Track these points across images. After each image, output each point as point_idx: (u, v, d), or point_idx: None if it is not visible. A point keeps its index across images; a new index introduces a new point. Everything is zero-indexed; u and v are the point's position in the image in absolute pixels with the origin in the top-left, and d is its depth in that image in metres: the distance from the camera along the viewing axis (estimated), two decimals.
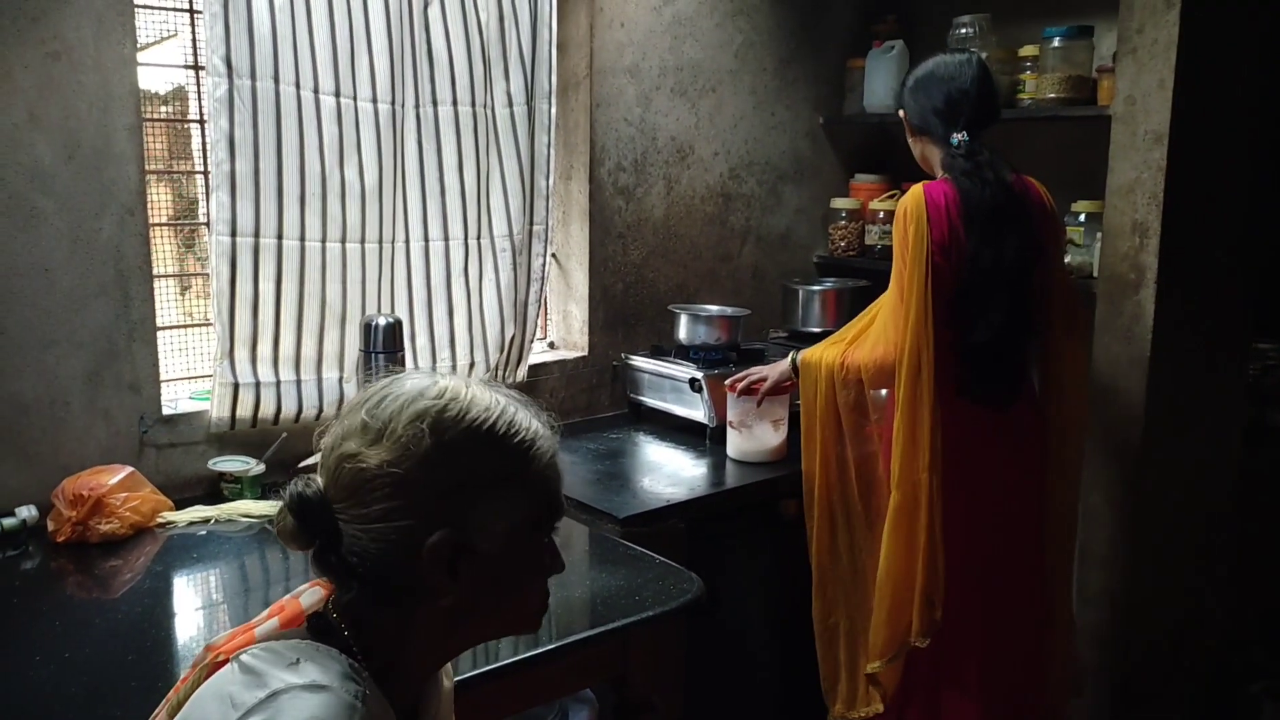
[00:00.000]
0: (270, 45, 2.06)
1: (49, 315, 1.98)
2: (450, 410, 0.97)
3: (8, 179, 1.90)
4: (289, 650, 0.95)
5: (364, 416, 0.97)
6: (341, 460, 0.96)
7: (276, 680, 0.92)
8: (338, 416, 1.01)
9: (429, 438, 0.95)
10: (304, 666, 0.93)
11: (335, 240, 2.21)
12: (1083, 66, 2.66)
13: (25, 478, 1.97)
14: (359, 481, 0.95)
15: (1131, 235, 2.34)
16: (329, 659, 0.95)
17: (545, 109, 2.50)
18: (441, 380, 1.00)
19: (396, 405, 0.97)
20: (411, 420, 0.96)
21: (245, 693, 0.92)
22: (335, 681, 0.92)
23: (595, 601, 1.74)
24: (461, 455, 0.96)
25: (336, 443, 0.98)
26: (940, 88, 2.16)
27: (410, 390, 0.98)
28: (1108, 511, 2.44)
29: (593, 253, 2.78)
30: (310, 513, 0.96)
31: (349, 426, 0.98)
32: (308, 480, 0.98)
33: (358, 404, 1.00)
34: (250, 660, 0.95)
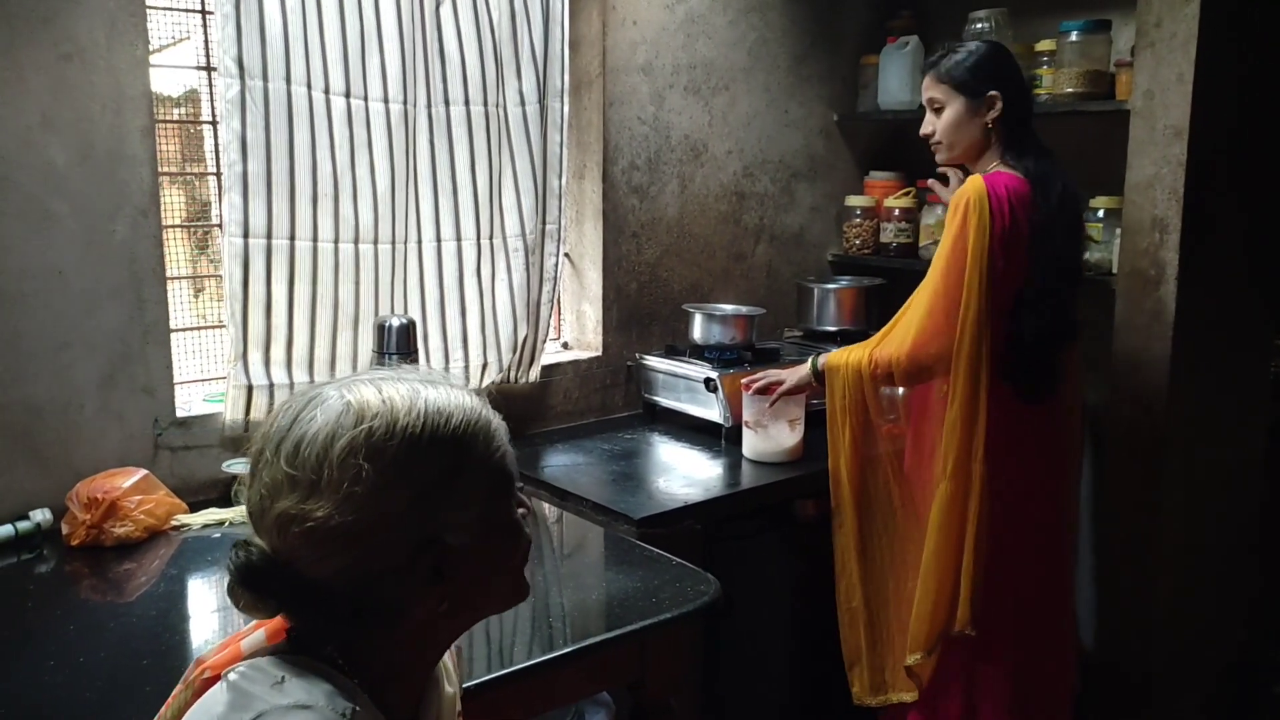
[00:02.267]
0: (282, 46, 2.05)
1: (63, 318, 1.97)
2: (377, 430, 0.90)
3: (21, 181, 1.90)
4: (275, 668, 0.92)
5: (286, 469, 0.90)
6: (283, 523, 0.89)
7: (260, 702, 0.88)
8: (252, 465, 0.94)
9: (370, 469, 0.89)
10: (289, 685, 0.90)
11: (348, 241, 2.20)
12: (1100, 61, 2.63)
13: (39, 481, 1.97)
14: (314, 539, 0.89)
15: (1151, 231, 2.32)
16: (315, 676, 0.91)
17: (558, 108, 2.49)
18: (345, 396, 0.92)
19: (318, 448, 0.89)
20: (344, 459, 0.89)
21: (231, 715, 0.88)
22: (321, 700, 0.89)
23: (612, 604, 1.72)
24: (408, 469, 0.91)
25: (265, 503, 0.91)
26: (1018, 70, 2.16)
27: (324, 425, 0.90)
28: (1130, 510, 2.41)
29: (606, 252, 2.76)
30: (266, 580, 0.90)
31: (272, 482, 0.91)
32: (248, 549, 0.91)
33: (268, 455, 0.92)
34: (237, 680, 0.91)
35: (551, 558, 2.03)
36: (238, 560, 0.90)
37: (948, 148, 2.20)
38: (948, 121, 2.18)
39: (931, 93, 2.19)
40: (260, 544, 0.91)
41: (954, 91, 2.15)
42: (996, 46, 2.22)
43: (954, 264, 2.06)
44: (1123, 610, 2.45)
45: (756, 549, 2.36)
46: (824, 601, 2.29)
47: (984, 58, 2.15)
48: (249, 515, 0.94)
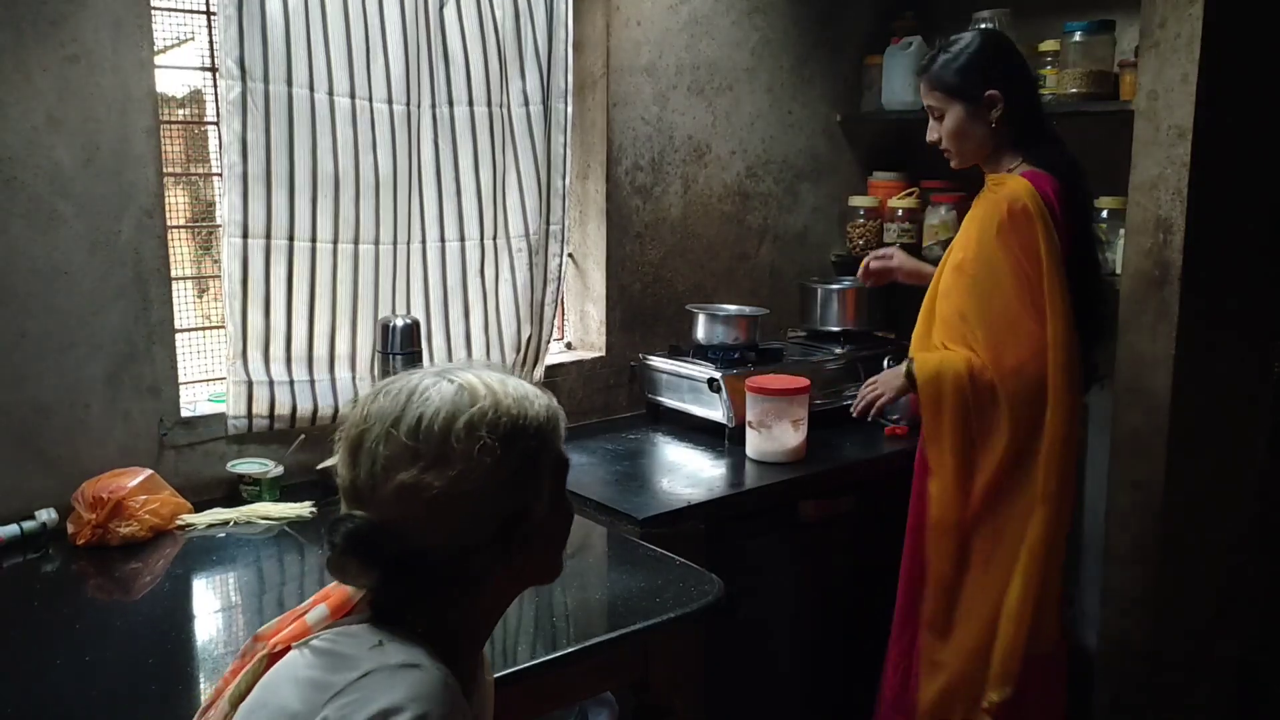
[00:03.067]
0: (284, 48, 2.06)
1: (68, 318, 1.98)
2: (491, 411, 1.00)
3: (27, 181, 1.91)
4: (368, 634, 0.99)
5: (409, 443, 0.97)
6: (404, 493, 0.96)
7: (366, 661, 0.95)
8: (353, 444, 1.00)
9: (494, 444, 0.98)
10: (389, 648, 0.97)
11: (348, 241, 2.21)
12: (1104, 61, 2.63)
13: (45, 480, 1.97)
14: (433, 507, 0.97)
15: (1155, 232, 2.31)
16: (412, 640, 0.98)
17: (561, 108, 2.49)
18: (454, 380, 1.01)
19: (441, 422, 0.98)
20: (469, 433, 0.98)
21: (332, 675, 0.94)
22: (424, 660, 0.96)
23: (615, 604, 1.73)
24: (512, 445, 1.00)
25: (380, 476, 0.97)
26: (1016, 58, 2.08)
27: (444, 402, 0.99)
28: (1133, 512, 2.41)
29: (610, 252, 2.77)
30: (375, 549, 0.97)
31: (392, 455, 0.97)
32: (354, 519, 0.97)
33: (378, 431, 0.98)
34: (327, 645, 0.98)
35: None
36: (347, 530, 0.96)
37: (957, 154, 2.14)
38: (950, 129, 2.10)
39: (928, 100, 2.12)
40: (365, 515, 0.97)
41: (949, 97, 2.08)
42: (988, 37, 2.12)
43: (1028, 273, 1.99)
44: (1127, 610, 2.44)
45: (760, 549, 2.37)
46: (826, 600, 2.30)
47: (975, 55, 2.06)
48: (353, 490, 1.00)
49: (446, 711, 0.94)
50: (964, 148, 2.12)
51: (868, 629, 2.43)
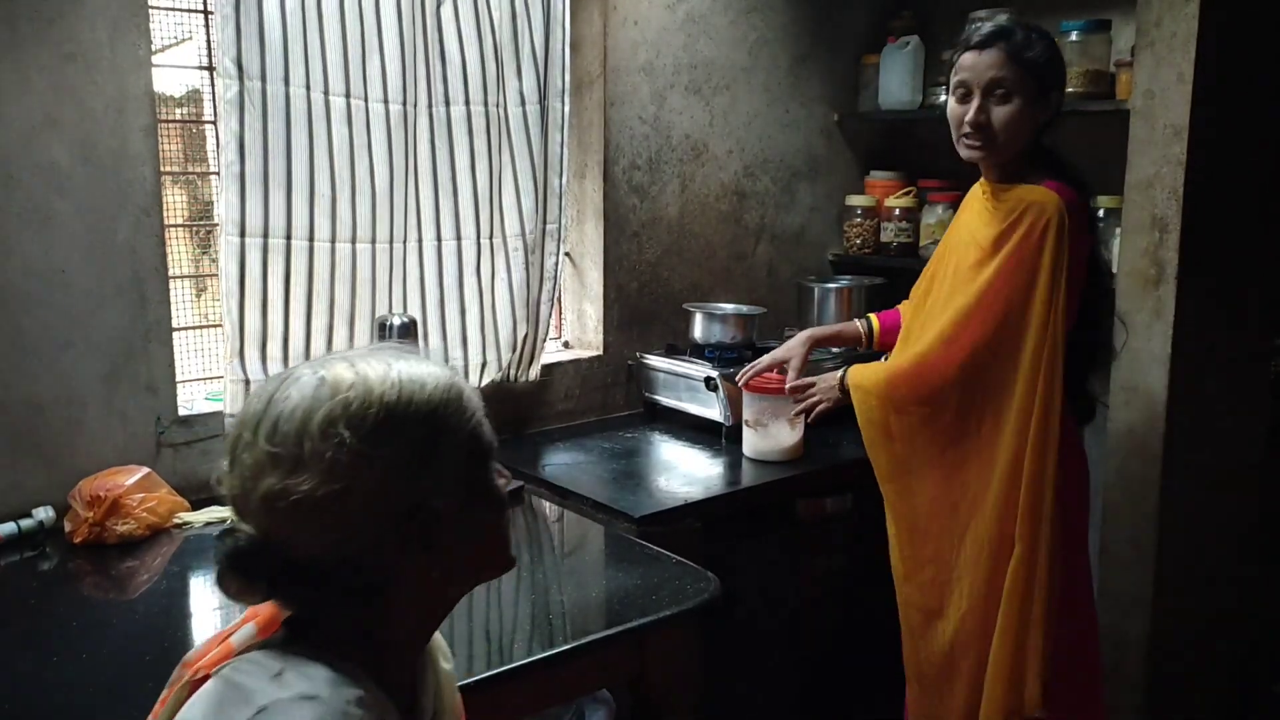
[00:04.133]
0: (281, 47, 2.06)
1: (66, 316, 1.98)
2: (354, 400, 0.91)
3: (25, 180, 1.91)
4: (271, 660, 0.92)
5: (267, 448, 0.90)
6: (269, 501, 0.89)
7: (261, 695, 0.88)
8: (230, 451, 0.94)
9: (350, 436, 0.89)
10: (287, 677, 0.89)
11: (345, 240, 2.21)
12: (1100, 61, 2.63)
13: (42, 479, 1.98)
14: (301, 513, 0.89)
15: (1151, 230, 2.32)
16: (314, 665, 0.91)
17: (558, 107, 2.49)
18: (318, 373, 0.93)
19: (296, 422, 0.90)
20: (324, 430, 0.89)
21: (232, 710, 0.88)
22: (324, 689, 0.88)
23: (612, 601, 1.73)
24: (388, 436, 0.91)
25: (249, 486, 0.91)
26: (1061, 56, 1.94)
27: (301, 399, 0.91)
28: (1130, 512, 2.41)
29: (607, 251, 2.77)
30: (256, 563, 0.91)
31: (254, 463, 0.91)
32: (234, 534, 0.91)
33: (247, 438, 0.92)
34: (233, 675, 0.91)
35: (552, 555, 2.04)
36: (225, 546, 0.91)
37: (1002, 145, 1.88)
38: (1013, 115, 1.86)
39: (999, 72, 1.84)
40: (246, 528, 0.91)
41: (1028, 78, 1.85)
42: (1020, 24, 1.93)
43: (1016, 278, 1.85)
44: (1125, 611, 2.45)
45: (756, 547, 2.37)
46: (822, 599, 2.30)
47: (1053, 46, 1.89)
48: (232, 502, 0.94)
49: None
50: (1012, 141, 1.89)
51: (863, 627, 2.43)
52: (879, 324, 2.33)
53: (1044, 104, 1.89)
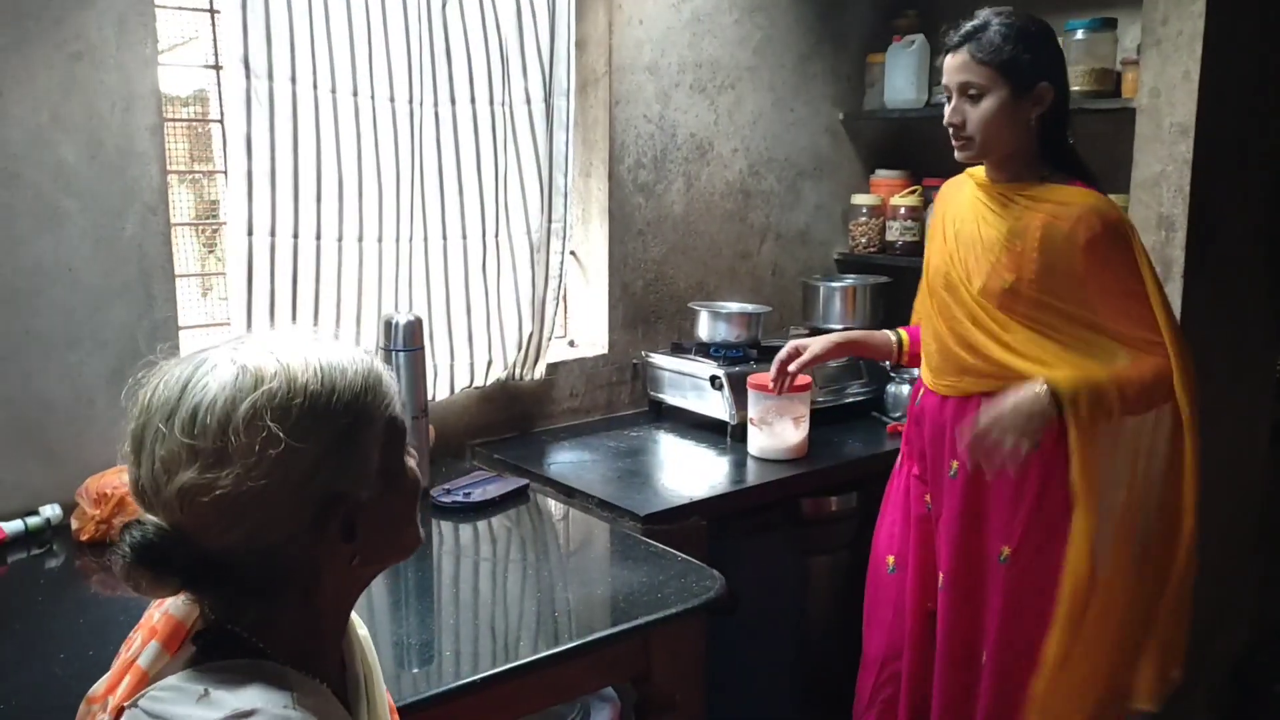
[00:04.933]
0: (288, 45, 2.06)
1: (73, 314, 1.99)
2: (279, 391, 0.87)
3: (32, 179, 1.92)
4: (191, 683, 0.87)
5: (185, 440, 0.85)
6: (186, 496, 0.85)
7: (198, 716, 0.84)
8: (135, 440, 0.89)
9: (280, 432, 0.86)
10: (215, 695, 0.85)
11: (352, 239, 2.21)
12: (1106, 59, 2.63)
13: (49, 477, 1.98)
14: (221, 508, 0.85)
15: (1157, 229, 2.32)
16: (239, 676, 0.87)
17: (564, 106, 2.50)
18: (236, 361, 0.89)
19: (219, 414, 0.85)
20: (249, 423, 0.85)
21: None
22: (257, 701, 0.85)
23: (617, 599, 1.73)
24: (313, 427, 0.88)
25: (161, 479, 0.86)
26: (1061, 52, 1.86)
27: (221, 389, 0.87)
28: None
29: (612, 250, 2.77)
30: (168, 557, 0.86)
31: (169, 455, 0.86)
32: (142, 527, 0.86)
33: (158, 428, 0.87)
34: (154, 706, 0.86)
35: (557, 553, 2.04)
36: (134, 540, 0.85)
37: (981, 145, 1.85)
38: (988, 113, 1.81)
39: (967, 75, 1.82)
40: (155, 521, 0.87)
41: (999, 77, 1.79)
42: (1041, 22, 1.85)
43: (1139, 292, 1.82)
44: None
45: (761, 545, 2.37)
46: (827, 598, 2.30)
47: (1034, 37, 1.80)
48: (137, 493, 0.89)
49: None
50: (993, 138, 1.84)
51: None
52: (908, 338, 2.23)
53: (1030, 98, 1.82)
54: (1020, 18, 1.84)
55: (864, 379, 2.80)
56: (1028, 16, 1.85)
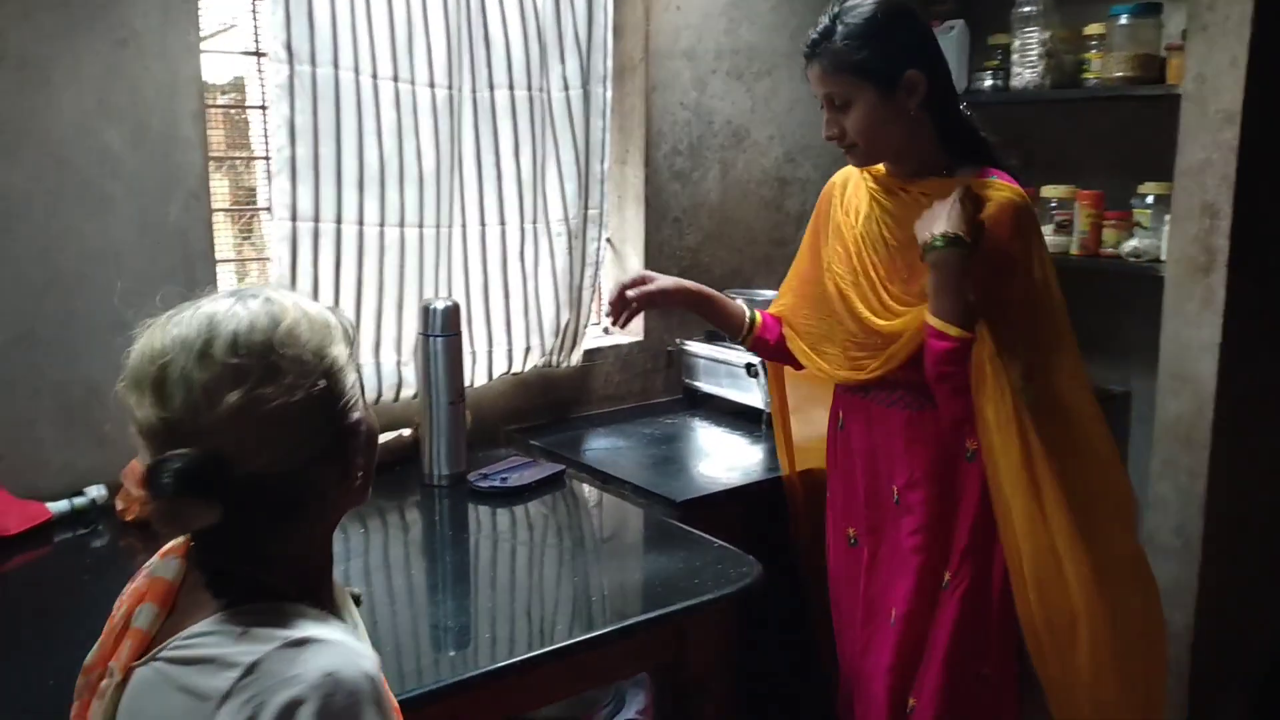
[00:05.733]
0: (330, 31, 2.08)
1: (118, 299, 2.01)
2: (304, 320, 0.96)
3: (79, 164, 1.94)
4: (226, 626, 0.90)
5: (229, 360, 0.91)
6: (236, 414, 0.90)
7: (244, 654, 0.87)
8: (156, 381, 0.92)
9: (309, 348, 0.95)
10: (256, 631, 0.89)
11: (393, 225, 2.23)
12: (1151, 45, 2.59)
13: (95, 458, 2.01)
14: (270, 422, 0.91)
15: (1201, 217, 2.28)
16: (271, 613, 0.91)
17: (601, 93, 2.50)
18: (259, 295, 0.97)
19: (261, 335, 0.92)
20: (292, 341, 0.93)
21: (211, 680, 0.86)
22: (309, 629, 0.90)
23: (652, 585, 1.74)
24: (324, 352, 0.96)
25: (202, 404, 0.90)
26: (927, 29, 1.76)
27: (256, 316, 0.94)
28: (1175, 501, 2.39)
29: (648, 237, 2.77)
30: (209, 482, 0.89)
31: (211, 380, 0.90)
32: (182, 456, 0.88)
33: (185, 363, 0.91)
34: (189, 651, 0.89)
35: (592, 539, 2.05)
36: (176, 469, 0.88)
37: (867, 151, 1.77)
38: (861, 120, 1.72)
39: (827, 87, 1.74)
40: (191, 451, 0.89)
41: (858, 81, 1.71)
42: (890, 6, 1.73)
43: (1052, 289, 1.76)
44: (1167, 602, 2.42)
45: None
46: None
47: (884, 27, 1.69)
48: (168, 428, 0.91)
49: (364, 673, 0.89)
50: (878, 144, 1.76)
51: None
52: (760, 322, 2.11)
53: (900, 91, 1.70)
54: (870, 8, 1.72)
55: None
56: (876, 2, 1.72)
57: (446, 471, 2.15)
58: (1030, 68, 2.76)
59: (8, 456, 1.94)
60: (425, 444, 2.16)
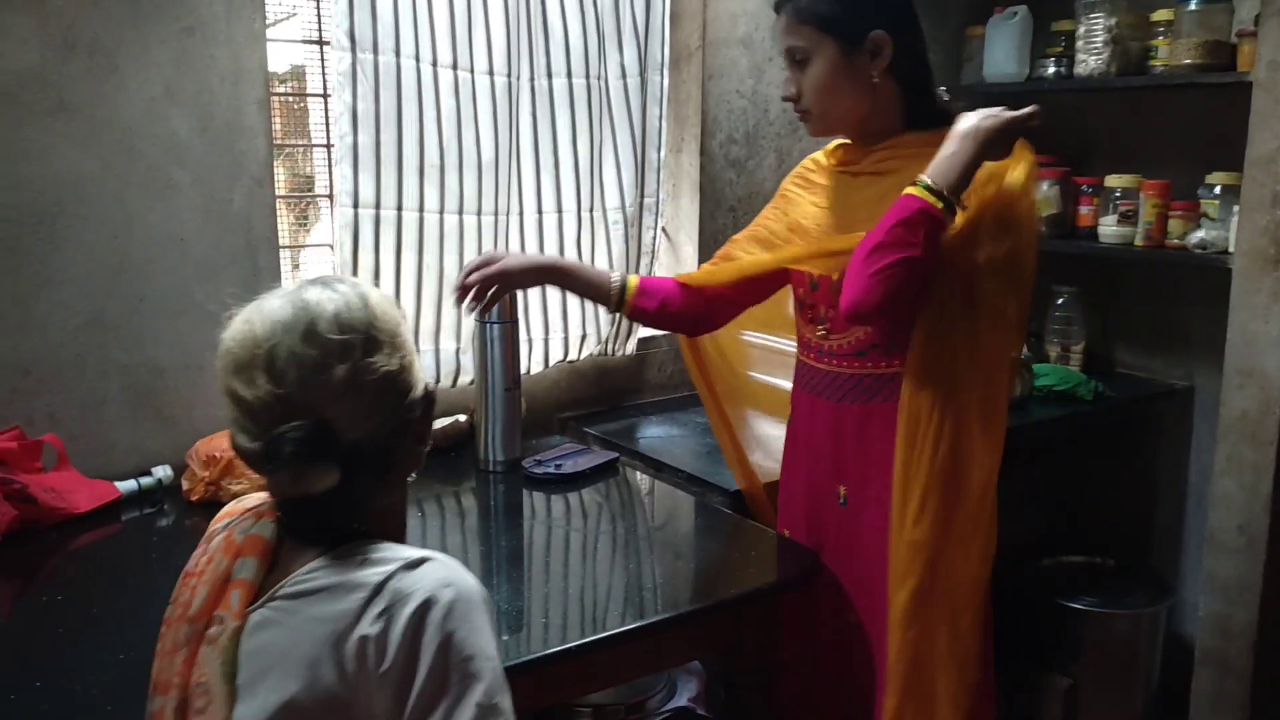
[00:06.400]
0: (392, 19, 2.10)
1: (184, 284, 2.06)
2: (380, 300, 1.07)
3: (146, 151, 1.98)
4: (345, 556, 1.00)
5: (334, 337, 1.01)
6: (348, 383, 1.00)
7: (370, 575, 0.98)
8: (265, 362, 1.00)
9: (394, 326, 1.06)
10: (376, 557, 1.00)
11: (453, 212, 2.25)
12: (1221, 31, 2.53)
13: (161, 439, 2.06)
14: (376, 390, 1.02)
15: (1272, 208, 2.23)
16: (378, 548, 1.02)
17: (657, 81, 2.49)
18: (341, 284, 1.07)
19: (358, 312, 1.03)
20: (384, 317, 1.05)
21: (344, 602, 0.96)
22: (421, 553, 1.00)
23: (706, 573, 1.74)
24: (402, 328, 1.09)
25: (313, 379, 0.99)
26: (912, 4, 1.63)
27: (346, 297, 1.04)
28: (1240, 498, 2.34)
29: (702, 226, 2.76)
30: (326, 447, 0.99)
31: (322, 353, 1.00)
32: (298, 428, 0.98)
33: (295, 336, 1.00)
34: (307, 586, 0.99)
35: (646, 526, 2.06)
36: (299, 437, 0.97)
37: (820, 117, 1.66)
38: (818, 78, 1.61)
39: (790, 39, 1.63)
40: (307, 421, 0.98)
41: (821, 35, 1.59)
42: None
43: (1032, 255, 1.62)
44: (1231, 599, 2.37)
45: None
46: None
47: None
48: (282, 403, 0.99)
49: (473, 583, 1.00)
50: (833, 109, 1.64)
51: None
52: (635, 287, 1.89)
53: (863, 52, 1.59)
54: None
55: None
56: None
57: (501, 458, 2.17)
58: (1095, 54, 2.71)
59: (79, 437, 1.98)
60: (481, 430, 2.18)
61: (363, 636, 0.95)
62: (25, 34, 1.85)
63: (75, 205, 1.94)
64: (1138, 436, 2.96)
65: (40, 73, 1.87)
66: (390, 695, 0.95)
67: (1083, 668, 2.71)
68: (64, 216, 1.93)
